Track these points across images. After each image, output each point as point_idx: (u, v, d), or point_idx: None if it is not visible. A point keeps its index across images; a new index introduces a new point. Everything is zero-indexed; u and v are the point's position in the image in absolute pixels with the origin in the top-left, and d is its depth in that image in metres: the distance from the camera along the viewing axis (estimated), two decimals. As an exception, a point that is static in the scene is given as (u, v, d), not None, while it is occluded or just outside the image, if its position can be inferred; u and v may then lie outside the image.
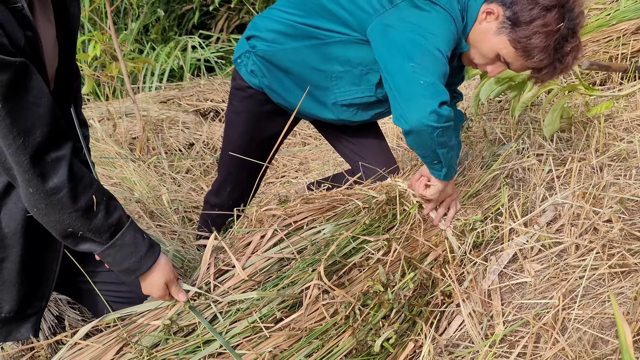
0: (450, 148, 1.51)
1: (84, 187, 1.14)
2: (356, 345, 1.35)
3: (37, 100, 1.05)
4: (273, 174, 3.27)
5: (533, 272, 1.56)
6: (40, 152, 1.07)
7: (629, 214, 1.59)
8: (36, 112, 1.05)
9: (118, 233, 1.20)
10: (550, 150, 1.94)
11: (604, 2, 2.89)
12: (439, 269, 1.59)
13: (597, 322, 1.37)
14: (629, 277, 1.44)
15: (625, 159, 1.81)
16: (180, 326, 1.32)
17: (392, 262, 1.51)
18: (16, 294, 1.30)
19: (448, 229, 1.66)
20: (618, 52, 2.59)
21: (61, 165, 1.10)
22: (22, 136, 1.04)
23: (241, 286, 1.38)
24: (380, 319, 1.40)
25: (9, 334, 1.34)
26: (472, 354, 1.42)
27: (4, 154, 1.05)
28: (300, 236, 1.50)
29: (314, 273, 1.38)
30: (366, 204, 1.64)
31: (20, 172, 1.07)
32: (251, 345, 1.30)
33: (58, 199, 1.11)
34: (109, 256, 1.21)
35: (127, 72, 3.33)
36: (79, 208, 1.13)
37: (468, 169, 1.93)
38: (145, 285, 1.30)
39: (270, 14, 1.78)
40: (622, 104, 2.15)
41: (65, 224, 1.14)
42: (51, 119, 1.07)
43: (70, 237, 1.17)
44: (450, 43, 1.52)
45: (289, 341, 1.32)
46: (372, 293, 1.41)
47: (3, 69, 0.98)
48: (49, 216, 1.13)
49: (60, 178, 1.10)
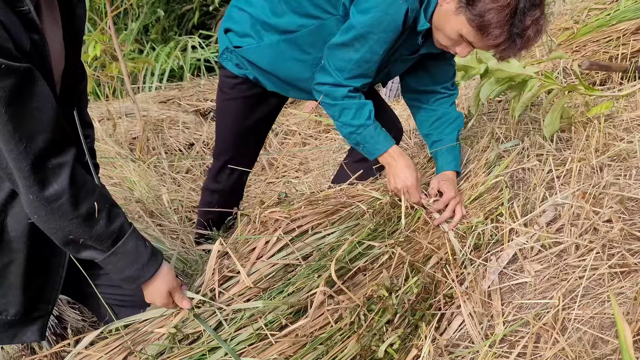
0: (350, 126, 1.67)
1: (85, 194, 1.13)
2: (360, 351, 1.34)
3: (41, 106, 1.04)
4: (273, 174, 3.27)
5: (533, 272, 1.56)
6: (42, 159, 1.06)
7: (629, 214, 1.59)
8: (39, 118, 1.04)
9: (119, 241, 1.19)
10: (550, 150, 1.94)
11: (604, 2, 2.89)
12: (441, 271, 1.59)
13: (597, 322, 1.37)
14: (629, 277, 1.44)
15: (625, 159, 1.81)
16: (185, 334, 1.31)
17: (395, 266, 1.51)
18: (22, 297, 1.29)
19: (451, 232, 1.66)
20: (618, 52, 2.59)
21: (62, 172, 1.09)
22: (24, 142, 1.03)
23: (246, 293, 1.38)
24: (384, 324, 1.39)
25: (14, 337, 1.34)
26: (472, 354, 1.42)
27: (6, 159, 1.04)
28: (304, 242, 1.49)
29: (319, 279, 1.38)
30: (370, 206, 1.64)
31: (21, 178, 1.06)
32: (256, 352, 1.29)
33: (58, 206, 1.10)
34: (110, 264, 1.20)
35: (127, 72, 3.33)
36: (79, 215, 1.12)
37: (474, 174, 1.93)
38: (147, 293, 1.29)
39: (243, 5, 1.81)
40: (622, 104, 2.15)
41: (66, 231, 1.13)
42: (54, 125, 1.06)
43: (71, 244, 1.16)
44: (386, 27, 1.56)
45: (294, 347, 1.31)
46: (377, 298, 1.40)
47: (7, 75, 0.96)
48: (49, 223, 1.12)
49: (61, 185, 1.09)
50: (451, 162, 1.81)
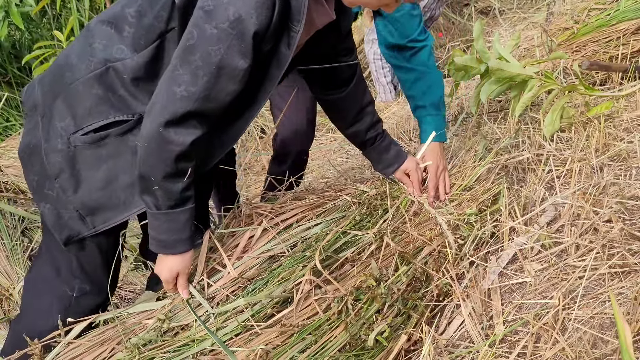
0: None
1: (190, 159, 1.26)
2: (350, 340, 1.35)
3: (233, 91, 1.23)
4: (273, 174, 3.26)
5: (533, 272, 1.56)
6: (194, 116, 1.21)
7: (629, 214, 1.59)
8: (225, 100, 1.23)
9: (179, 208, 1.28)
10: (550, 150, 1.94)
11: (604, 2, 2.88)
12: (435, 263, 1.59)
13: (597, 322, 1.37)
14: (629, 277, 1.44)
15: (625, 159, 1.81)
16: (171, 327, 1.34)
17: (384, 257, 1.51)
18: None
19: (444, 223, 1.66)
20: (618, 52, 2.58)
21: (195, 133, 1.23)
22: (201, 96, 1.19)
23: (232, 285, 1.40)
24: (373, 313, 1.40)
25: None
26: (472, 354, 1.42)
27: (177, 89, 1.19)
28: (290, 233, 1.50)
29: (305, 269, 1.38)
30: (356, 199, 1.64)
31: (164, 110, 1.20)
32: (243, 342, 1.30)
33: (169, 150, 1.22)
34: (157, 220, 1.29)
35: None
36: (175, 167, 1.24)
37: (462, 162, 1.94)
38: (160, 263, 1.34)
39: None
40: (622, 104, 2.15)
41: (154, 170, 1.24)
42: (227, 112, 1.26)
43: (147, 182, 1.25)
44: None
45: (282, 337, 1.32)
46: (365, 288, 1.41)
47: (252, 58, 1.20)
48: (150, 155, 1.23)
49: (186, 139, 1.22)
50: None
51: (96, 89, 1.31)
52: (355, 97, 1.70)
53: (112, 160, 1.34)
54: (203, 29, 1.17)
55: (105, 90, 1.31)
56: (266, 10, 1.16)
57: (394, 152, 1.78)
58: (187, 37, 1.19)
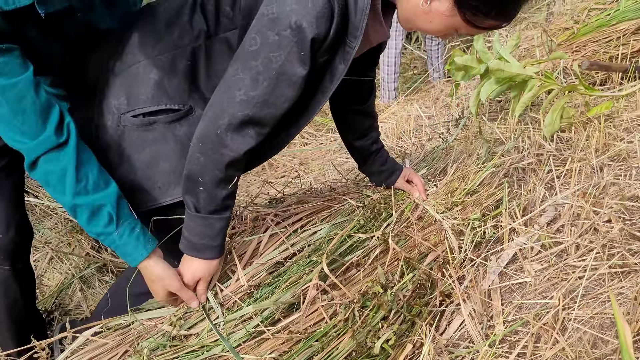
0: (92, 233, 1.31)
1: (240, 168, 1.28)
2: (356, 347, 1.35)
3: (291, 98, 1.23)
4: (273, 174, 3.27)
5: (533, 272, 1.56)
6: (253, 123, 1.22)
7: (629, 214, 1.59)
8: (283, 106, 1.23)
9: (217, 214, 1.29)
10: (550, 150, 1.94)
11: (604, 2, 2.88)
12: (440, 269, 1.59)
13: (597, 322, 1.37)
14: (629, 277, 1.44)
15: (625, 159, 1.81)
16: (179, 335, 1.33)
17: (390, 262, 1.51)
18: None
19: (449, 228, 1.67)
20: (618, 52, 2.58)
21: (251, 142, 1.24)
22: (260, 102, 1.20)
23: (241, 291, 1.39)
24: (379, 320, 1.40)
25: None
26: (472, 354, 1.42)
27: (237, 92, 1.20)
28: (300, 236, 1.50)
29: (312, 274, 1.38)
30: (360, 202, 1.65)
31: (224, 113, 1.21)
32: (250, 349, 1.30)
33: (221, 154, 1.23)
34: (193, 222, 1.29)
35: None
36: (224, 174, 1.25)
37: (465, 166, 1.94)
38: (185, 264, 1.34)
39: None
40: (622, 104, 2.15)
41: (202, 172, 1.25)
42: (279, 121, 1.26)
43: (192, 182, 1.27)
44: None
45: (288, 344, 1.32)
46: (371, 294, 1.41)
47: (309, 67, 1.21)
48: (202, 156, 1.24)
49: (241, 147, 1.23)
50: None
51: (154, 74, 1.33)
52: (371, 110, 1.76)
53: (156, 146, 1.35)
54: (266, 36, 1.18)
55: (161, 77, 1.33)
56: (325, 22, 1.18)
57: (392, 162, 1.83)
58: (250, 43, 1.20)
